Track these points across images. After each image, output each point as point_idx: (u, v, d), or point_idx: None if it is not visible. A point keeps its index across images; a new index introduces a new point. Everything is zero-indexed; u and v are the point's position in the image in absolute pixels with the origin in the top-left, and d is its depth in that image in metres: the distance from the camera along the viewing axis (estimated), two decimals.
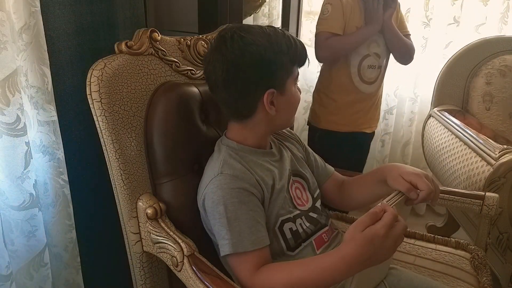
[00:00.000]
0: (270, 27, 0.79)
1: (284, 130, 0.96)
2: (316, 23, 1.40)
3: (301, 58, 0.81)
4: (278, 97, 0.78)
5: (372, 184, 0.88)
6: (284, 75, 0.78)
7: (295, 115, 0.90)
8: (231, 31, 0.77)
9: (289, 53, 0.77)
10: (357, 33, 1.36)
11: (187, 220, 0.82)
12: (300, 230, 0.80)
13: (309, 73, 2.00)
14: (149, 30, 0.84)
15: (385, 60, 1.43)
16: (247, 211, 0.73)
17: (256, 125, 0.81)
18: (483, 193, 1.03)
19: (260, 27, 0.79)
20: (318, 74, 1.52)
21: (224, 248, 0.72)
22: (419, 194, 0.75)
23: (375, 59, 1.40)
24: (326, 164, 1.00)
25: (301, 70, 0.84)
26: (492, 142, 1.38)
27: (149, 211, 0.79)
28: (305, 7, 1.87)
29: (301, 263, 0.72)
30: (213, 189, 0.74)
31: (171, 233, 0.77)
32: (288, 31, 0.81)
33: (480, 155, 1.38)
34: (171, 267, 0.78)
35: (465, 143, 1.50)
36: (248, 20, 1.65)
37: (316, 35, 1.38)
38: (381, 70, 1.43)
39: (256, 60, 0.75)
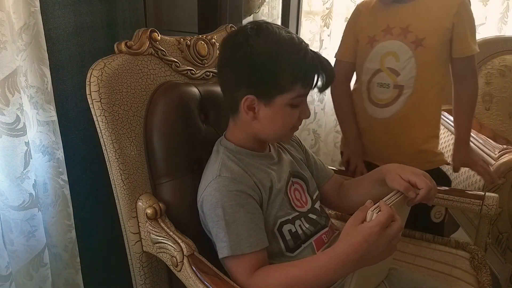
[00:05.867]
0: (290, 37, 0.74)
1: None
2: None
3: (309, 80, 0.75)
4: (260, 106, 0.76)
5: (371, 184, 0.87)
6: (273, 88, 0.74)
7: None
8: (247, 27, 0.76)
9: (289, 68, 0.73)
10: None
11: (187, 220, 0.82)
12: (300, 231, 0.80)
13: None
14: (149, 30, 0.84)
15: (409, 79, 1.09)
16: (245, 213, 0.73)
17: (242, 125, 0.80)
18: (482, 193, 1.03)
19: (278, 32, 0.74)
20: None
21: (222, 250, 0.72)
22: (418, 193, 0.75)
23: (388, 76, 1.11)
24: (326, 166, 1.00)
25: None
26: (492, 142, 1.39)
27: (149, 211, 0.79)
28: (305, 7, 1.87)
29: (297, 264, 0.72)
30: (211, 191, 0.74)
31: (171, 233, 0.77)
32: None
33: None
34: (171, 267, 0.78)
35: None
36: (248, 20, 1.65)
37: None
38: (401, 90, 1.10)
39: (245, 61, 0.74)
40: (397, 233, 0.63)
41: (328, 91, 1.02)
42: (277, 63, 0.73)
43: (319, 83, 0.77)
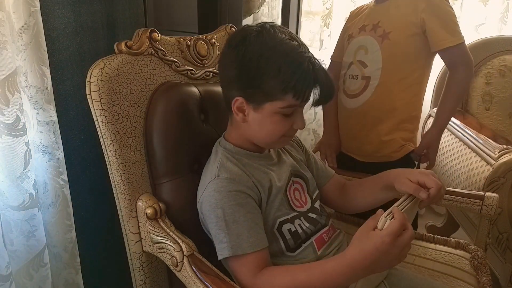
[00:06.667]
0: (291, 46, 0.72)
1: None
2: None
3: (300, 92, 0.71)
4: (249, 110, 0.75)
5: (377, 189, 0.87)
6: (262, 95, 0.73)
7: None
8: (257, 26, 0.74)
9: (280, 80, 0.70)
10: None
11: (187, 220, 0.82)
12: (300, 230, 0.80)
13: None
14: (149, 30, 0.84)
15: (376, 71, 1.15)
16: (245, 213, 0.72)
17: (237, 126, 0.80)
18: (482, 193, 1.03)
19: (280, 37, 0.72)
20: None
21: (223, 251, 0.71)
22: (429, 192, 0.73)
23: (357, 68, 1.19)
24: (327, 166, 1.00)
25: None
26: (492, 142, 1.39)
27: (149, 211, 0.79)
28: (305, 7, 1.86)
29: (305, 267, 0.71)
30: (210, 192, 0.74)
31: (171, 233, 0.77)
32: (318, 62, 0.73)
33: (479, 155, 1.38)
34: (171, 267, 0.78)
35: (465, 143, 1.50)
36: (248, 20, 1.65)
37: None
38: (368, 81, 1.16)
39: (236, 63, 0.73)
40: (408, 243, 0.62)
41: None
42: (266, 70, 0.71)
43: (312, 98, 0.75)
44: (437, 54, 1.15)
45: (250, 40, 0.73)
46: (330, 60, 1.36)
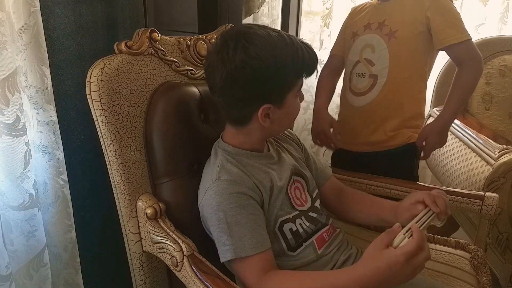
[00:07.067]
0: (279, 35, 0.74)
1: None
2: None
3: (309, 69, 0.79)
4: (274, 111, 0.77)
5: (373, 217, 0.91)
6: (284, 90, 0.77)
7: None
8: (236, 38, 0.73)
9: (294, 67, 0.75)
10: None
11: (187, 220, 0.82)
12: (301, 230, 0.80)
13: None
14: (149, 30, 0.84)
15: (383, 69, 1.15)
16: (247, 215, 0.72)
17: (250, 132, 0.80)
18: (482, 193, 1.03)
19: (268, 34, 0.73)
20: None
21: (226, 254, 0.71)
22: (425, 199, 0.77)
23: (365, 66, 1.19)
24: (325, 167, 1.00)
25: None
26: (492, 142, 1.39)
27: (149, 211, 0.79)
28: (305, 7, 1.87)
29: (313, 276, 0.70)
30: (211, 195, 0.74)
31: (171, 233, 0.77)
32: (296, 36, 0.78)
33: (479, 155, 1.38)
34: (171, 267, 0.78)
35: (465, 143, 1.50)
36: (248, 20, 1.65)
37: None
38: (376, 80, 1.17)
39: (256, 76, 0.72)
40: (422, 264, 0.61)
41: None
42: (280, 69, 0.74)
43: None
44: (440, 53, 1.16)
45: (252, 53, 0.71)
46: (329, 55, 1.35)
